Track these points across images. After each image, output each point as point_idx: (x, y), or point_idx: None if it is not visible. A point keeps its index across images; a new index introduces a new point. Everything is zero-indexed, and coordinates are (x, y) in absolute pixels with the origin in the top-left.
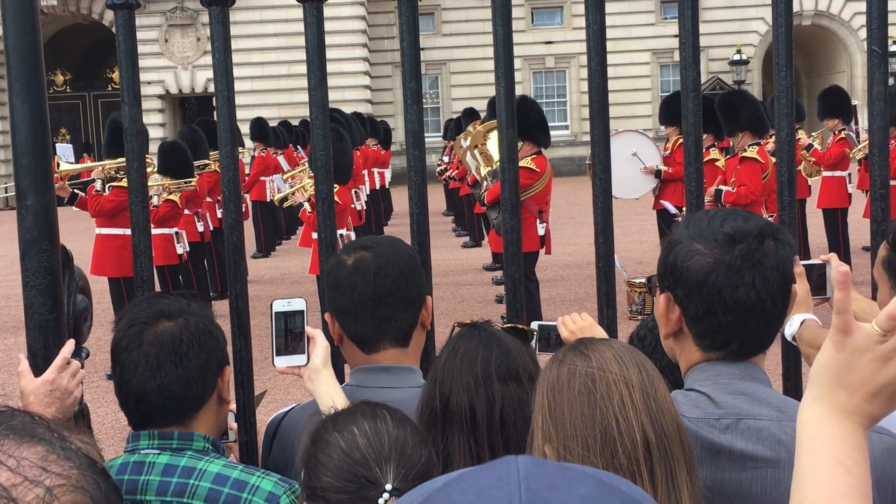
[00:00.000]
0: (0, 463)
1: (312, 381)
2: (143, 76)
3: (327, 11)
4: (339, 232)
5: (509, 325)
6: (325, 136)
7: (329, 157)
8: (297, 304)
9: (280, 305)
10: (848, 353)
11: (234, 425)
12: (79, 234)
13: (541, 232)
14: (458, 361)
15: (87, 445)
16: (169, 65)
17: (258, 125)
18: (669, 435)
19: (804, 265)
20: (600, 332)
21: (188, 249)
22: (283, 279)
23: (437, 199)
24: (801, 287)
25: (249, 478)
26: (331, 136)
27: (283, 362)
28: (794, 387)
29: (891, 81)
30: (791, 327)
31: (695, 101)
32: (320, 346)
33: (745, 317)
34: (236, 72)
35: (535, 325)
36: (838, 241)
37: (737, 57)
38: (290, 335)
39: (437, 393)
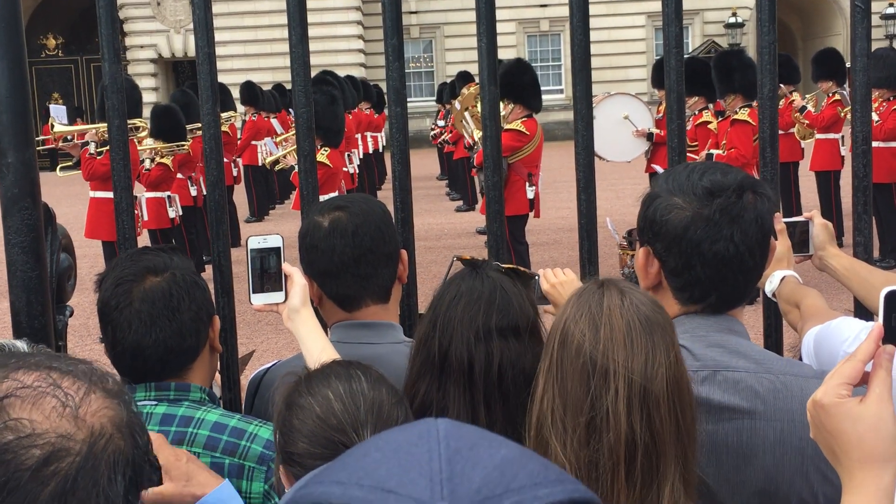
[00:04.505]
0: (52, 367)
1: (292, 320)
2: (135, 40)
3: None
4: (330, 195)
5: (509, 266)
6: (306, 94)
7: (311, 114)
8: (274, 241)
9: (256, 242)
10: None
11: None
12: (73, 198)
13: (530, 195)
14: (461, 313)
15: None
16: (161, 28)
17: (248, 88)
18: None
19: (786, 222)
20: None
21: (181, 213)
22: None
23: (430, 162)
24: (782, 244)
25: (247, 426)
26: (312, 94)
27: (260, 300)
28: (774, 342)
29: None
30: (772, 284)
31: (677, 58)
32: (298, 284)
33: (724, 270)
34: (229, 35)
35: None
36: (830, 204)
37: (732, 20)
38: (265, 274)
39: (437, 341)
